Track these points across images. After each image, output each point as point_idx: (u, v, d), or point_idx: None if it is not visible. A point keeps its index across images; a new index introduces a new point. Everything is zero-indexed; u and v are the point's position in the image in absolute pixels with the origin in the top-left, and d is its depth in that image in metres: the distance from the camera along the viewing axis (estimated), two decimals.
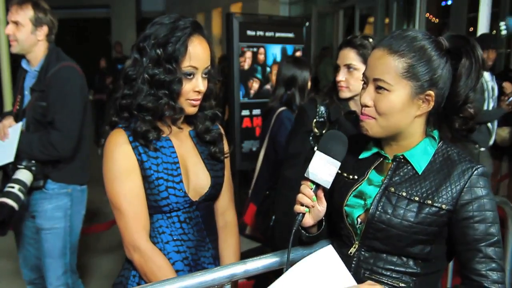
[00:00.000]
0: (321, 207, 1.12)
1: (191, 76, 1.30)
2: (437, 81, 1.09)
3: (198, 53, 1.30)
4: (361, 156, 1.23)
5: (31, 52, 2.25)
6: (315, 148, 1.06)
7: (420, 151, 1.14)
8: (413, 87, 1.08)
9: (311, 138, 2.01)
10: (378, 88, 1.10)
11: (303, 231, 1.20)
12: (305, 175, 1.10)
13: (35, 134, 2.20)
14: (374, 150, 1.20)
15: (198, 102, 1.35)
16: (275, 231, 2.34)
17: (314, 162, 1.09)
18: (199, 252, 1.39)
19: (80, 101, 2.23)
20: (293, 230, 1.10)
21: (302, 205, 1.11)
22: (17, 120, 2.26)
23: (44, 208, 2.28)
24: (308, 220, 1.14)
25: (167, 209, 1.33)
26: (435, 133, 1.16)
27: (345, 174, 1.24)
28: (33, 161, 2.17)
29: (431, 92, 1.09)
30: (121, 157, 1.29)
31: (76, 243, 2.43)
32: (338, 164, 1.09)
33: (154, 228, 1.35)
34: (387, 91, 1.09)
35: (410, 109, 1.10)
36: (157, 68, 1.28)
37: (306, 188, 1.11)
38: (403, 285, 1.12)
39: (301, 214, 1.11)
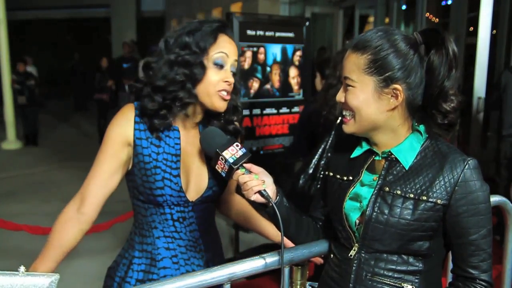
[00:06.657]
0: (263, 177, 1.18)
1: (221, 67, 1.29)
2: (403, 75, 1.09)
3: (227, 44, 1.31)
4: (352, 155, 1.23)
5: None
6: (217, 150, 1.19)
7: (407, 147, 1.15)
8: (376, 82, 1.10)
9: None
10: (347, 86, 1.14)
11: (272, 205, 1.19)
12: (233, 166, 1.17)
13: None
14: (365, 147, 1.21)
15: (228, 97, 1.32)
16: None
17: (227, 155, 1.18)
18: (189, 252, 1.37)
19: None
20: (276, 211, 1.14)
21: (255, 192, 1.15)
22: None
23: None
24: (271, 193, 1.18)
25: (160, 200, 1.31)
26: (421, 128, 1.16)
27: (338, 176, 1.24)
28: None
29: (398, 86, 1.09)
30: (116, 134, 1.30)
31: None
32: (233, 139, 1.23)
33: (147, 221, 1.34)
34: (353, 88, 1.12)
35: (378, 104, 1.11)
36: (183, 50, 1.28)
37: (244, 177, 1.16)
38: (405, 285, 1.12)
39: (262, 191, 1.16)
